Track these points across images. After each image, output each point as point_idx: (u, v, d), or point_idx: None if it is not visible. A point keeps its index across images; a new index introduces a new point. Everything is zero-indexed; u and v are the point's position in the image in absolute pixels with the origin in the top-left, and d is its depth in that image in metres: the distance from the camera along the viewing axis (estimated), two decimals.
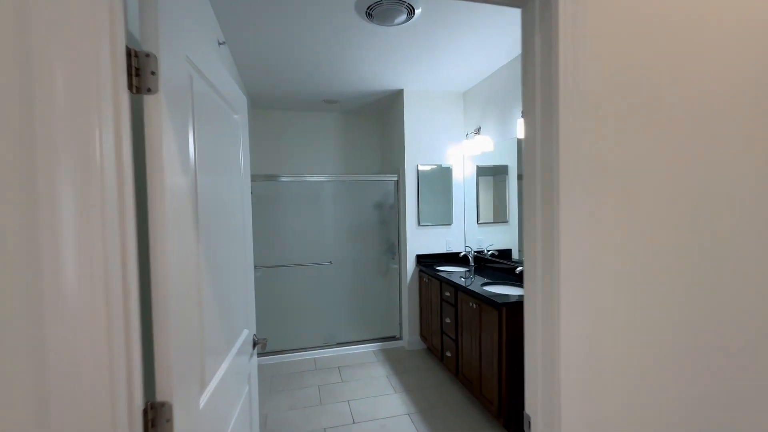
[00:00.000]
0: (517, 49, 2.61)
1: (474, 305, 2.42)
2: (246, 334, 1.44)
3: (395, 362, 3.25)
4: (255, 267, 1.63)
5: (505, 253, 3.09)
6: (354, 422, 2.36)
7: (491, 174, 3.26)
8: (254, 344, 1.54)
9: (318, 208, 3.51)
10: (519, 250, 2.98)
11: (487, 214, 3.36)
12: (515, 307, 2.16)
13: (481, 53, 2.69)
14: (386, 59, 2.74)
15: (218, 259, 1.09)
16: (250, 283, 1.58)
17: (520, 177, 2.91)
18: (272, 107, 3.97)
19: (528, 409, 0.92)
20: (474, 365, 2.45)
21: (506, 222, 3.13)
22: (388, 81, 3.21)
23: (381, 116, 4.28)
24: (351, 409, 2.52)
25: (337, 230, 3.55)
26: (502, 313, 2.15)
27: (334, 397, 2.67)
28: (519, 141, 2.85)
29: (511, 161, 3.00)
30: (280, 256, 3.41)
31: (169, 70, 0.71)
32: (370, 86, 3.33)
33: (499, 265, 3.07)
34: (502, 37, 2.42)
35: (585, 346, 0.83)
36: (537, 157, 0.86)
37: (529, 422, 0.91)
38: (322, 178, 3.42)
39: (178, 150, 0.78)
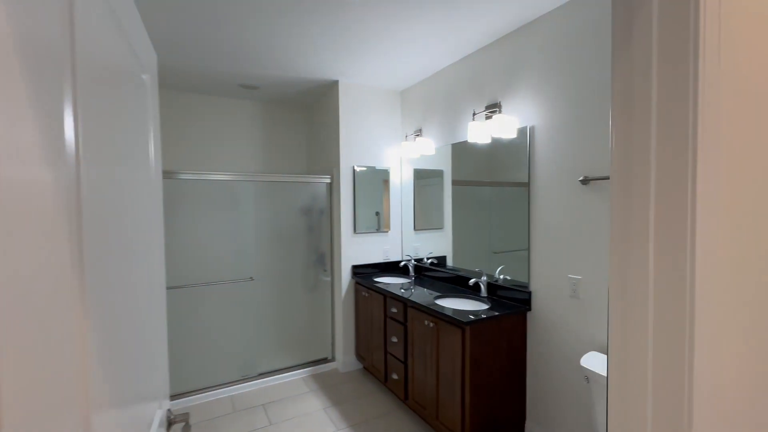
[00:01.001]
0: (464, 52, 2.48)
1: (430, 323, 2.18)
2: (160, 417, 0.94)
3: (331, 389, 2.85)
4: None
5: (441, 261, 2.96)
6: None
7: (428, 178, 3.12)
8: (169, 425, 1.03)
9: (235, 214, 2.89)
10: (453, 257, 2.88)
11: (423, 220, 3.21)
12: (481, 326, 1.98)
13: (422, 50, 2.48)
14: (319, 43, 2.35)
15: (118, 293, 0.62)
16: (162, 323, 1.06)
17: (454, 183, 2.83)
18: (171, 86, 3.20)
19: None
20: (429, 390, 2.22)
21: (441, 228, 3.01)
22: (321, 69, 2.81)
23: (310, 109, 3.82)
24: None
25: (258, 240, 2.98)
26: (465, 333, 1.95)
27: None
28: (454, 146, 2.75)
29: (446, 166, 2.89)
30: (188, 273, 2.72)
31: None
32: (298, 72, 2.88)
33: (441, 275, 2.91)
34: (446, 35, 2.25)
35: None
36: (651, 148, 0.61)
37: None
38: (237, 178, 2.84)
39: (35, 121, 0.33)
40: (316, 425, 2.38)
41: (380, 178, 3.31)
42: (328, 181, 3.23)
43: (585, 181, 1.83)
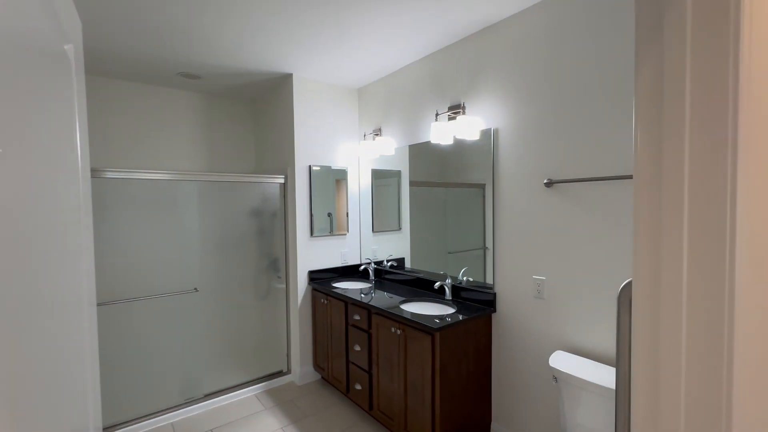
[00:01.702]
0: (426, 50, 2.43)
1: (397, 330, 2.10)
2: None
3: (287, 405, 2.65)
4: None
5: (400, 263, 2.91)
6: None
7: (385, 179, 3.05)
8: None
9: (175, 219, 2.57)
10: (412, 259, 2.85)
11: (382, 222, 3.13)
12: (449, 331, 1.94)
13: (383, 46, 2.40)
14: (269, 30, 2.16)
15: (27, 312, 0.45)
16: (92, 344, 0.85)
17: (412, 183, 2.79)
18: (97, 71, 2.78)
19: None
20: (397, 399, 2.13)
21: (399, 230, 2.96)
22: (272, 60, 2.60)
23: (259, 103, 3.54)
24: None
25: (203, 247, 2.68)
26: (435, 339, 1.90)
27: None
28: (413, 147, 2.71)
29: (404, 167, 2.84)
30: (121, 287, 2.36)
31: None
32: (246, 62, 2.64)
33: (402, 277, 2.85)
34: (408, 33, 2.19)
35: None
36: (685, 142, 0.57)
37: None
38: (177, 177, 2.53)
39: None
40: None
41: (338, 179, 3.16)
42: (282, 181, 3.02)
43: (549, 184, 1.86)
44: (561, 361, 1.70)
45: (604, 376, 1.55)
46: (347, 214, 3.21)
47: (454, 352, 1.97)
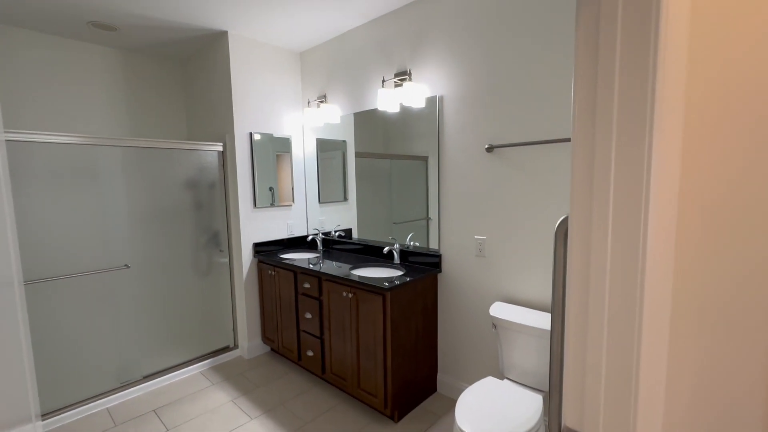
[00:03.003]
0: (371, 14, 2.38)
1: (349, 294, 2.14)
2: None
3: (237, 379, 2.61)
4: None
5: (347, 233, 2.94)
6: None
7: (331, 149, 3.01)
8: None
9: (97, 189, 2.30)
10: (359, 230, 2.89)
11: (328, 193, 3.10)
12: (400, 291, 2.02)
13: (325, 7, 2.31)
14: None
15: None
16: (18, 328, 0.77)
17: (358, 154, 2.80)
18: None
19: (572, 423, 0.76)
20: (350, 360, 2.20)
21: (346, 201, 2.98)
22: (203, 13, 2.38)
23: (191, 64, 3.23)
24: None
25: (132, 220, 2.45)
26: (386, 299, 1.97)
27: None
28: (358, 115, 2.70)
29: (350, 137, 2.83)
30: (38, 265, 2.08)
31: None
32: (172, 14, 2.38)
33: (351, 247, 2.88)
34: None
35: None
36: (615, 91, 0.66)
37: None
38: (95, 142, 2.25)
39: None
40: (226, 419, 2.15)
41: (282, 147, 3.04)
42: (220, 149, 2.83)
43: (490, 149, 1.98)
44: (499, 310, 1.87)
45: (536, 319, 1.74)
46: (292, 184, 3.13)
47: (403, 311, 2.07)
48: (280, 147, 3.04)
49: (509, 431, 1.39)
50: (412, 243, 2.43)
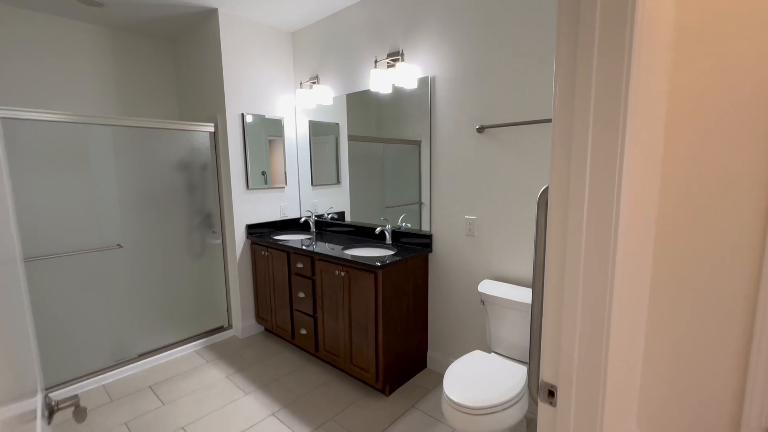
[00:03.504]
0: None
1: (341, 273, 2.18)
2: (40, 407, 0.72)
3: (232, 357, 2.66)
4: None
5: (340, 216, 2.97)
6: None
7: (323, 132, 3.01)
8: (51, 413, 0.80)
9: (87, 168, 2.28)
10: (351, 213, 2.92)
11: (320, 175, 3.12)
12: (391, 269, 2.07)
13: None
14: None
15: None
16: (20, 303, 0.79)
17: (351, 138, 2.80)
18: None
19: (548, 377, 0.81)
20: (342, 337, 2.26)
21: (339, 184, 2.99)
22: None
23: (180, 43, 3.17)
24: None
25: (123, 200, 2.44)
26: (378, 277, 2.02)
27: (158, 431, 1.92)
28: (351, 96, 2.69)
29: (342, 119, 2.83)
30: (29, 244, 2.08)
31: None
32: None
33: (344, 229, 2.91)
34: None
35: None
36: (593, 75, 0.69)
37: (553, 392, 0.80)
38: (85, 120, 2.22)
39: None
40: (221, 395, 2.21)
41: (274, 129, 3.03)
42: (212, 129, 2.82)
43: (481, 129, 2.01)
44: (488, 287, 1.93)
45: (523, 295, 1.80)
46: (285, 166, 3.13)
47: (395, 289, 2.12)
48: (273, 129, 3.03)
49: (494, 398, 1.45)
50: (403, 224, 2.47)
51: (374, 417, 1.99)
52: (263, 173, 2.99)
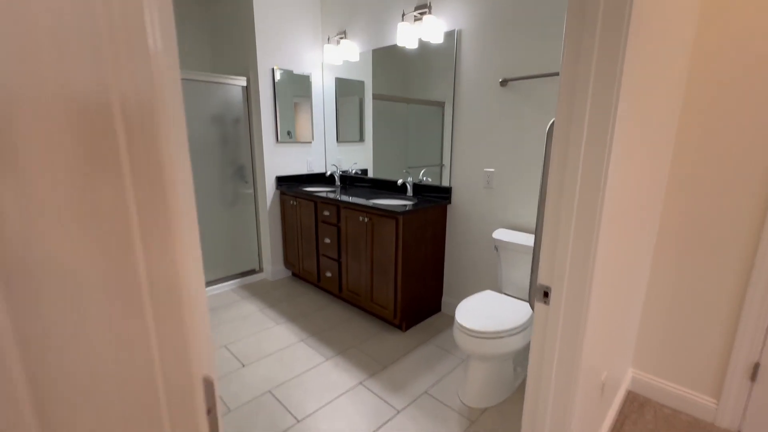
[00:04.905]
0: None
1: (365, 219, 2.35)
2: None
3: (263, 295, 2.93)
4: None
5: (363, 173, 3.10)
6: (243, 365, 2.04)
7: (348, 89, 3.09)
8: None
9: None
10: (374, 171, 3.04)
11: (345, 132, 3.23)
12: (412, 216, 2.22)
13: None
14: None
15: None
16: None
17: (375, 96, 2.87)
18: None
19: (544, 280, 0.95)
20: (364, 278, 2.46)
21: (362, 141, 3.10)
22: None
23: None
24: (233, 353, 2.15)
25: None
26: (399, 222, 2.18)
27: None
28: (376, 52, 2.74)
29: (367, 77, 2.89)
30: None
31: None
32: None
33: (366, 184, 3.06)
34: None
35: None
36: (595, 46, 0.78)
37: (547, 293, 0.94)
38: None
39: None
40: (256, 323, 2.48)
41: (302, 84, 3.14)
42: (244, 83, 2.95)
43: (504, 83, 2.06)
44: (502, 234, 2.06)
45: (533, 241, 1.92)
46: (312, 121, 3.26)
47: (414, 236, 2.28)
48: (300, 84, 3.13)
49: (499, 327, 1.62)
50: (424, 178, 2.59)
51: (392, 346, 2.22)
52: (288, 132, 3.13)
